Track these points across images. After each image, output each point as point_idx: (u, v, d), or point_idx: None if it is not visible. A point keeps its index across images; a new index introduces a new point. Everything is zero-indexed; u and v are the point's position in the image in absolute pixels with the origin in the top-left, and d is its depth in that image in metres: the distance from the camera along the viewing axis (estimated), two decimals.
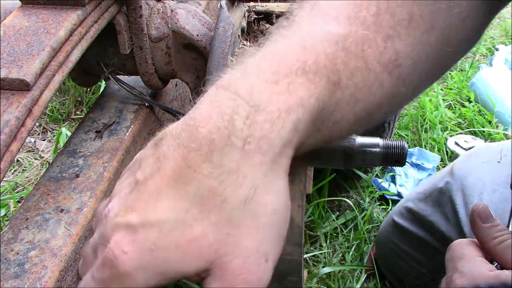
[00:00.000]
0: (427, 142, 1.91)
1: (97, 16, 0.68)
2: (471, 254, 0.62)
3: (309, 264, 1.44)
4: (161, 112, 0.89)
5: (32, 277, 0.54)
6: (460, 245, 0.64)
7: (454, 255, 0.63)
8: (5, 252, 0.57)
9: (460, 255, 0.62)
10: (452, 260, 0.63)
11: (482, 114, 2.06)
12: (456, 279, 0.60)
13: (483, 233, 0.62)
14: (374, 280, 1.37)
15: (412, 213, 1.16)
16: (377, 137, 0.80)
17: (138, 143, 0.79)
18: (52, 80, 0.59)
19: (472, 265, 0.60)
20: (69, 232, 0.60)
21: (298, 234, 0.70)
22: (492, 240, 0.61)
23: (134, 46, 0.76)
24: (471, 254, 0.62)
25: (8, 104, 0.53)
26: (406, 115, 2.03)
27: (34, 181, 1.69)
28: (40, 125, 1.97)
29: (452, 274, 0.61)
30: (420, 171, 1.78)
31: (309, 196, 1.54)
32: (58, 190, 0.66)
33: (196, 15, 0.79)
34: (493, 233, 0.62)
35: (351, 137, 0.78)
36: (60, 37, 0.61)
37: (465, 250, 0.63)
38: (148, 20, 0.76)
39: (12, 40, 0.61)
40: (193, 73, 0.80)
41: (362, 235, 1.50)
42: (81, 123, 0.79)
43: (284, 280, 0.77)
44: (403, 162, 0.79)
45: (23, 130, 0.54)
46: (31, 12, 0.65)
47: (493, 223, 0.63)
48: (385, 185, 1.70)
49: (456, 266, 0.61)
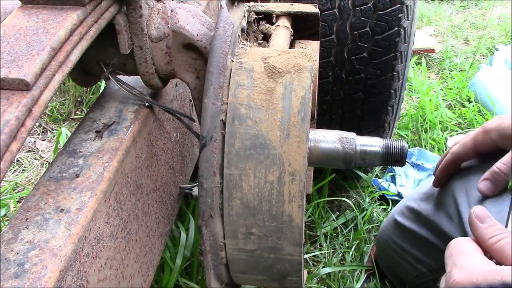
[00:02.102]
0: (427, 142, 1.91)
1: (97, 16, 0.68)
2: (470, 251, 0.63)
3: (309, 264, 1.44)
4: (161, 112, 0.89)
5: (32, 277, 0.54)
6: (459, 242, 0.65)
7: (454, 251, 0.64)
8: (5, 252, 0.57)
9: (459, 252, 0.63)
10: (451, 256, 0.64)
11: (482, 114, 2.06)
12: (455, 274, 0.60)
13: (482, 233, 0.64)
14: (374, 280, 1.37)
15: (414, 212, 1.16)
16: (377, 137, 0.81)
17: (138, 143, 0.79)
18: (52, 80, 0.59)
19: (470, 261, 0.61)
20: (69, 232, 0.60)
21: (298, 234, 0.70)
22: (490, 239, 0.62)
23: (134, 46, 0.76)
24: (470, 251, 0.63)
25: (8, 104, 0.53)
26: (406, 115, 2.03)
27: (34, 181, 1.69)
28: (40, 125, 1.97)
29: (451, 270, 0.62)
30: (420, 171, 1.78)
31: (309, 196, 1.54)
32: (58, 190, 0.66)
33: (196, 15, 0.79)
34: (491, 232, 0.63)
35: (351, 137, 0.78)
36: (60, 37, 0.61)
37: (464, 247, 0.64)
38: (148, 20, 0.76)
39: (12, 40, 0.61)
40: (193, 73, 0.80)
41: (362, 235, 1.50)
42: (81, 123, 0.79)
43: (284, 280, 0.77)
44: (403, 162, 0.79)
45: (23, 130, 0.54)
46: (31, 12, 0.65)
47: (491, 223, 0.64)
48: (385, 185, 1.70)
49: (455, 262, 0.62)
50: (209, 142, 0.66)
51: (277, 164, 0.65)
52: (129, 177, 0.76)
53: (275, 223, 0.68)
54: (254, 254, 0.71)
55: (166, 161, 0.93)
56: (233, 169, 0.66)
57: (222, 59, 0.67)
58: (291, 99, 0.66)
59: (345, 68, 1.32)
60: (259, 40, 0.90)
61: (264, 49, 0.73)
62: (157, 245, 0.90)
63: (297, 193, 0.66)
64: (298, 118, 0.65)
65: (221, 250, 0.71)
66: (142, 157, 0.81)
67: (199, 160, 0.67)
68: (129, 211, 0.76)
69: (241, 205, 0.67)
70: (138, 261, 0.81)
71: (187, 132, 1.05)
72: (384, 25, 1.25)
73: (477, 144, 0.98)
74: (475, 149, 0.99)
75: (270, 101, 0.66)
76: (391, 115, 1.45)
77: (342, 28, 1.26)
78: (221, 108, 0.66)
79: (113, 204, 0.71)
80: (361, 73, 1.32)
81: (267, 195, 0.66)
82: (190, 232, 1.31)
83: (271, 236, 0.69)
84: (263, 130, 0.65)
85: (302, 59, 0.69)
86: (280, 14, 0.92)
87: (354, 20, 1.25)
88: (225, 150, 0.66)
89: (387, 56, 1.28)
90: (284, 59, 0.69)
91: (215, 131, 0.66)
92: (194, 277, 1.30)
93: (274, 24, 0.91)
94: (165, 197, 0.94)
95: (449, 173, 1.06)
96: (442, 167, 1.05)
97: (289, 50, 0.72)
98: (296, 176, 0.66)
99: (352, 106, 1.40)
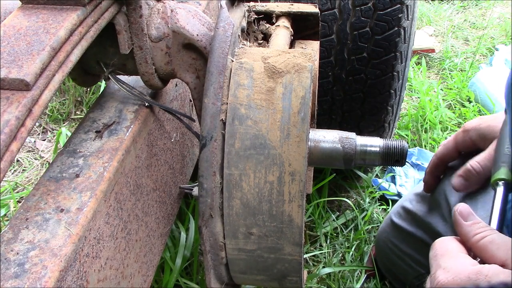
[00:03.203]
0: (427, 142, 1.91)
1: (97, 16, 0.68)
2: (453, 251, 0.63)
3: (309, 264, 1.44)
4: (161, 112, 0.89)
5: (32, 277, 0.54)
6: (443, 242, 0.65)
7: (438, 252, 0.64)
8: (5, 252, 0.57)
9: (443, 252, 0.63)
10: (435, 257, 0.63)
11: (482, 114, 2.06)
12: (439, 276, 0.60)
13: (465, 230, 0.64)
14: (374, 280, 1.37)
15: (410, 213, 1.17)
16: (377, 137, 0.81)
17: (138, 143, 0.79)
18: (52, 80, 0.59)
19: (454, 261, 0.61)
20: (69, 232, 0.60)
21: (298, 234, 0.70)
22: (474, 237, 0.62)
23: (134, 46, 0.76)
24: (454, 251, 0.63)
25: (8, 104, 0.53)
26: (406, 115, 2.03)
27: (34, 181, 1.69)
28: (40, 125, 1.97)
29: (436, 271, 0.61)
30: (420, 171, 1.78)
31: (309, 196, 1.54)
32: (58, 190, 0.66)
33: (196, 15, 0.79)
34: (474, 230, 0.63)
35: (351, 137, 0.78)
36: (60, 37, 0.61)
37: (448, 247, 0.64)
38: (148, 20, 0.76)
39: (12, 40, 0.61)
40: (193, 73, 0.80)
41: (362, 235, 1.50)
42: (81, 123, 0.79)
43: (284, 280, 0.77)
44: (403, 162, 0.80)
45: (23, 130, 0.54)
46: (31, 12, 0.65)
47: (474, 221, 0.64)
48: (385, 185, 1.70)
49: (439, 263, 0.62)
50: (209, 142, 0.66)
51: (277, 164, 0.65)
52: (129, 177, 0.76)
53: (275, 223, 0.68)
54: (254, 254, 0.71)
55: (166, 161, 0.93)
56: (233, 169, 0.66)
57: (222, 59, 0.67)
58: (291, 99, 0.66)
59: (345, 68, 1.32)
60: (259, 40, 0.90)
61: (264, 49, 0.73)
62: (157, 245, 0.90)
63: (297, 193, 0.66)
64: (298, 118, 0.65)
65: (221, 250, 0.71)
66: (142, 157, 0.81)
67: (199, 160, 0.67)
68: (129, 211, 0.76)
69: (241, 205, 0.67)
70: (138, 261, 0.81)
71: (187, 132, 1.05)
72: (384, 25, 1.25)
73: (458, 144, 0.99)
74: (457, 149, 1.00)
75: (270, 101, 0.66)
76: (391, 115, 1.45)
77: (342, 28, 1.26)
78: (221, 108, 0.66)
79: (113, 204, 0.71)
80: (361, 73, 1.32)
81: (267, 195, 0.66)
82: (190, 232, 1.31)
83: (271, 236, 0.69)
84: (263, 130, 0.65)
85: (302, 59, 0.69)
86: (280, 14, 0.92)
87: (354, 20, 1.25)
88: (225, 150, 0.66)
89: (387, 56, 1.29)
90: (284, 59, 0.69)
91: (215, 131, 0.66)
92: (194, 277, 1.30)
93: (274, 24, 0.91)
94: (165, 197, 0.94)
95: (437, 176, 1.06)
96: (428, 171, 1.06)
97: (289, 50, 0.72)
98: (296, 176, 0.66)
99: (352, 106, 1.40)
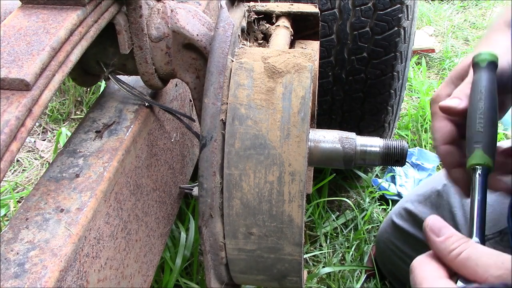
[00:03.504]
0: (427, 142, 1.91)
1: (97, 16, 0.68)
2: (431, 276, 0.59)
3: (309, 264, 1.44)
4: (161, 112, 0.89)
5: (32, 277, 0.54)
6: (420, 266, 0.61)
7: (416, 278, 0.60)
8: (5, 252, 0.57)
9: (421, 278, 0.60)
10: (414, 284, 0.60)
11: None
12: None
13: (439, 248, 0.60)
14: (374, 280, 1.37)
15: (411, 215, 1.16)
16: (377, 137, 0.81)
17: (138, 143, 0.79)
18: (52, 80, 0.59)
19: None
20: (69, 232, 0.60)
21: (298, 234, 0.70)
22: (450, 254, 0.59)
23: (134, 46, 0.76)
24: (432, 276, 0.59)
25: (8, 104, 0.53)
26: (406, 115, 2.03)
27: (34, 181, 1.69)
28: (40, 125, 1.97)
29: None
30: (420, 171, 1.78)
31: (309, 196, 1.54)
32: (58, 190, 0.66)
33: (196, 15, 0.79)
34: (449, 246, 0.59)
35: (351, 137, 0.78)
36: (60, 37, 0.61)
37: (426, 272, 0.60)
38: (148, 20, 0.76)
39: (12, 40, 0.61)
40: (193, 73, 0.80)
41: (362, 235, 1.50)
42: (81, 123, 0.79)
43: (284, 280, 0.77)
44: (403, 162, 0.79)
45: (23, 130, 0.54)
46: (31, 12, 0.65)
47: (447, 235, 0.60)
48: (385, 185, 1.70)
49: None
50: (209, 142, 0.66)
51: (277, 164, 0.65)
52: (129, 177, 0.76)
53: (275, 223, 0.68)
54: (254, 254, 0.71)
55: (166, 161, 0.93)
56: (233, 169, 0.66)
57: (222, 59, 0.67)
58: (291, 99, 0.66)
59: (345, 68, 1.32)
60: (259, 40, 0.90)
61: (264, 49, 0.73)
62: (157, 245, 0.90)
63: (297, 193, 0.66)
64: (298, 118, 0.65)
65: (221, 250, 0.71)
66: (142, 157, 0.81)
67: (199, 160, 0.67)
68: (129, 211, 0.76)
69: (241, 205, 0.67)
70: (138, 261, 0.81)
71: (187, 132, 1.05)
72: (384, 25, 1.25)
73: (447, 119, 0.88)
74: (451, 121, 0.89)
75: (270, 101, 0.66)
76: (391, 115, 1.45)
77: (342, 28, 1.26)
78: (221, 108, 0.66)
79: (113, 204, 0.71)
80: (361, 73, 1.32)
81: (267, 195, 0.66)
82: (190, 232, 1.31)
83: (271, 236, 0.69)
84: (263, 130, 0.65)
85: (302, 59, 0.69)
86: (280, 14, 0.92)
87: (354, 20, 1.25)
88: (225, 150, 0.66)
89: (387, 56, 1.29)
90: (284, 59, 0.69)
91: (215, 131, 0.66)
92: (194, 277, 1.30)
93: (274, 24, 0.91)
94: (165, 197, 0.94)
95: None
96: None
97: (289, 50, 0.72)
98: (296, 176, 0.66)
99: (352, 106, 1.40)
